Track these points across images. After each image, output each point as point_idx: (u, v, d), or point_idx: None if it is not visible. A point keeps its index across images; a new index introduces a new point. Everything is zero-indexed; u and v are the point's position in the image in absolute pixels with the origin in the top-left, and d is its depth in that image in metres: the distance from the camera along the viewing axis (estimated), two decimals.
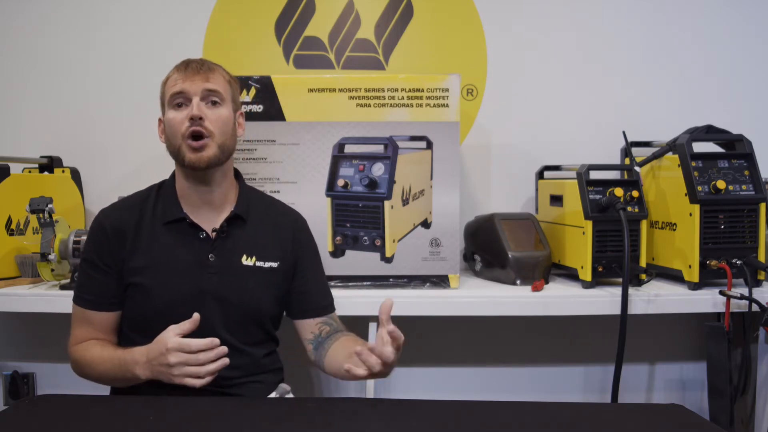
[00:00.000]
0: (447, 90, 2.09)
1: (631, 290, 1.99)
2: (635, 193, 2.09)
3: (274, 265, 1.71)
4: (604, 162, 2.36)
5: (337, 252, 2.10)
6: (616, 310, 1.96)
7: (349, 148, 2.09)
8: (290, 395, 1.70)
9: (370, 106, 2.09)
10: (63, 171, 2.46)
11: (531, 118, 2.59)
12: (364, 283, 2.12)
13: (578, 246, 2.12)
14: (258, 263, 1.69)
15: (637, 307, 2.00)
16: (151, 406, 1.43)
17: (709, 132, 2.21)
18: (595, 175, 2.13)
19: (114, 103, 2.57)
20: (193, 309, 1.57)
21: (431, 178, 2.11)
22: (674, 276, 2.16)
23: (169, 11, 2.56)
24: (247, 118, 1.88)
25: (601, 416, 1.43)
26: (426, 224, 2.13)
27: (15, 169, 2.23)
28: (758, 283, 2.05)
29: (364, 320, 2.05)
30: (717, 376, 2.02)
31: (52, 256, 2.01)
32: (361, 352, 1.41)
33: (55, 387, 2.48)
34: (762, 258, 2.05)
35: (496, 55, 2.57)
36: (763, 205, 2.05)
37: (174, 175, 1.73)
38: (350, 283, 2.10)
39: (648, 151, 2.26)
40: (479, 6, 2.56)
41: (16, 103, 2.59)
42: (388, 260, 2.11)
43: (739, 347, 2.19)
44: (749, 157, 2.09)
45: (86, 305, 1.66)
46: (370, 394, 2.01)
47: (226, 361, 1.48)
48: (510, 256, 2.17)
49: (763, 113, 2.59)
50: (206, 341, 1.46)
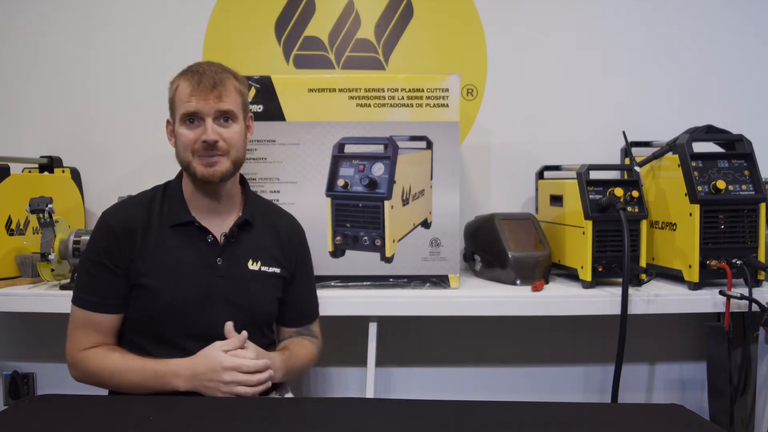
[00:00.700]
0: (447, 90, 2.10)
1: (631, 290, 2.00)
2: (635, 193, 2.09)
3: (277, 270, 1.73)
4: (604, 162, 2.37)
5: (337, 252, 2.10)
6: (616, 310, 1.96)
7: (349, 148, 2.10)
8: (289, 395, 1.71)
9: (370, 106, 2.09)
10: (63, 171, 2.47)
11: (531, 118, 2.59)
12: (364, 283, 2.12)
13: (578, 246, 2.13)
14: (263, 268, 1.70)
15: (637, 307, 2.00)
16: (151, 406, 1.43)
17: (709, 132, 2.22)
18: (595, 175, 2.13)
19: (114, 103, 2.58)
20: (199, 311, 1.60)
21: (431, 178, 2.12)
22: (674, 276, 2.16)
23: (169, 11, 2.57)
24: None
25: (602, 416, 1.43)
26: (426, 224, 2.13)
27: (15, 169, 2.23)
28: (758, 283, 2.06)
29: (364, 320, 2.06)
30: (717, 376, 2.02)
31: (52, 256, 2.01)
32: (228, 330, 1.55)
33: (55, 387, 2.48)
34: (762, 258, 2.06)
35: (496, 55, 2.58)
36: (763, 205, 2.05)
37: (180, 176, 1.73)
38: (350, 283, 2.10)
39: (648, 151, 2.26)
40: (479, 6, 2.57)
41: (16, 103, 2.60)
42: (388, 260, 2.11)
43: (739, 347, 2.19)
44: (749, 157, 2.09)
45: (91, 307, 1.62)
46: (370, 394, 2.02)
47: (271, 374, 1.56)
48: (510, 256, 2.17)
49: (763, 113, 2.60)
50: (260, 364, 1.52)
